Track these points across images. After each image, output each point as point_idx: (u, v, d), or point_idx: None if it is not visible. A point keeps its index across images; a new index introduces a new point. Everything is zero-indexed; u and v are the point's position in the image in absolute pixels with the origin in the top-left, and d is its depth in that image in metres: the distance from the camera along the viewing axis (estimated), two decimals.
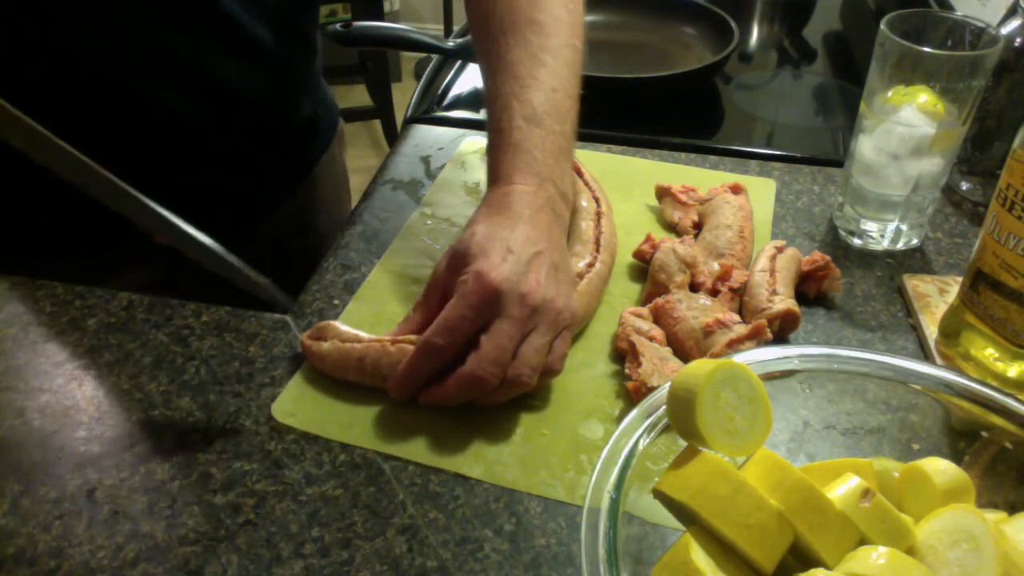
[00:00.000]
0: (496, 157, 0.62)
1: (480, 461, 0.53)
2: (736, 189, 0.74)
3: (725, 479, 0.38)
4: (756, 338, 0.58)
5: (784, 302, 0.61)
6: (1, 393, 0.58)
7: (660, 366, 0.56)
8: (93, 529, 0.49)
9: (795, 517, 0.38)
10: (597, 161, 0.83)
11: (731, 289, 0.63)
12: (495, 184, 0.61)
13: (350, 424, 0.56)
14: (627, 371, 0.57)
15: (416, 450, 0.54)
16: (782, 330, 0.62)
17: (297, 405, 0.57)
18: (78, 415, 0.56)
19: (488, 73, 0.66)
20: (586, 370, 0.60)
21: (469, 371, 0.52)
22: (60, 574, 0.47)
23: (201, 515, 0.50)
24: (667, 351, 0.59)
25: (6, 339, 0.62)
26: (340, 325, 0.59)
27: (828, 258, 0.66)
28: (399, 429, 0.55)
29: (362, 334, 0.59)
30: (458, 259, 0.56)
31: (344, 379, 0.58)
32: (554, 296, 0.55)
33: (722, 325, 0.58)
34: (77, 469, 0.52)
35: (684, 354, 0.59)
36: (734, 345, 0.57)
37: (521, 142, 0.60)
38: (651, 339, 0.59)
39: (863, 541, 0.38)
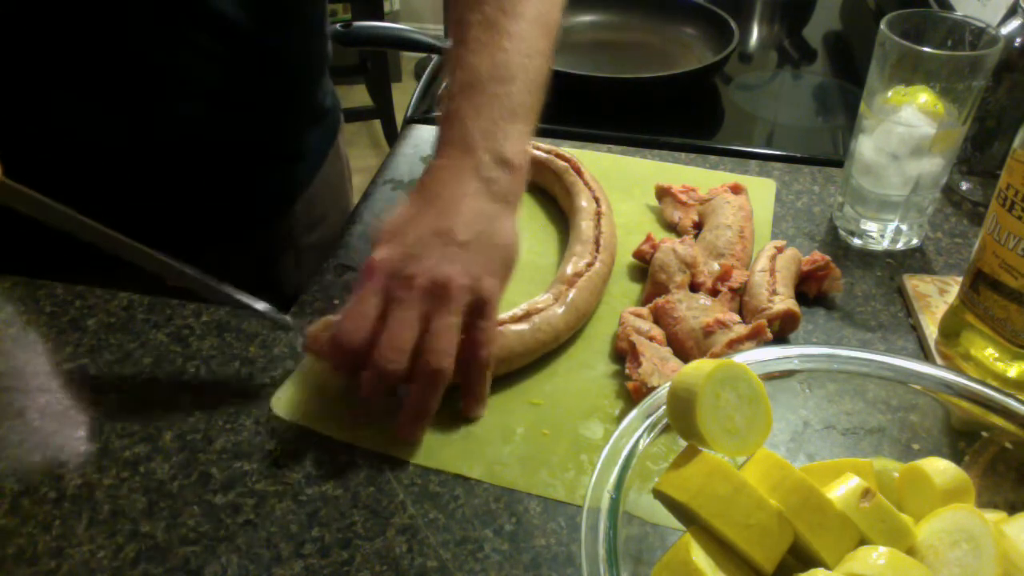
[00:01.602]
0: (437, 132, 0.61)
1: (480, 461, 0.53)
2: (736, 189, 0.74)
3: (725, 479, 0.38)
4: (756, 338, 0.58)
5: (784, 302, 0.61)
6: (1, 393, 0.58)
7: (660, 366, 0.56)
8: (93, 529, 0.49)
9: (795, 517, 0.38)
10: (597, 161, 0.83)
11: (731, 289, 0.63)
12: (434, 156, 0.60)
13: (351, 423, 0.55)
14: (627, 371, 0.57)
15: (415, 450, 0.54)
16: (782, 330, 0.62)
17: (296, 401, 0.57)
18: (78, 415, 0.56)
19: (447, 43, 0.64)
20: (586, 370, 0.60)
21: (371, 361, 0.51)
22: (60, 574, 0.47)
23: (201, 515, 0.50)
24: (667, 351, 0.59)
25: (6, 339, 0.62)
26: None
27: (828, 258, 0.66)
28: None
29: None
30: (371, 242, 0.56)
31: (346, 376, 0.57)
32: (449, 275, 0.52)
33: (722, 325, 0.58)
34: (77, 469, 0.52)
35: (684, 354, 0.59)
36: (734, 345, 0.57)
37: (454, 112, 0.59)
38: (651, 339, 0.59)
39: (863, 541, 0.38)
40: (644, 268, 0.68)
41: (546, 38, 0.63)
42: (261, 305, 0.59)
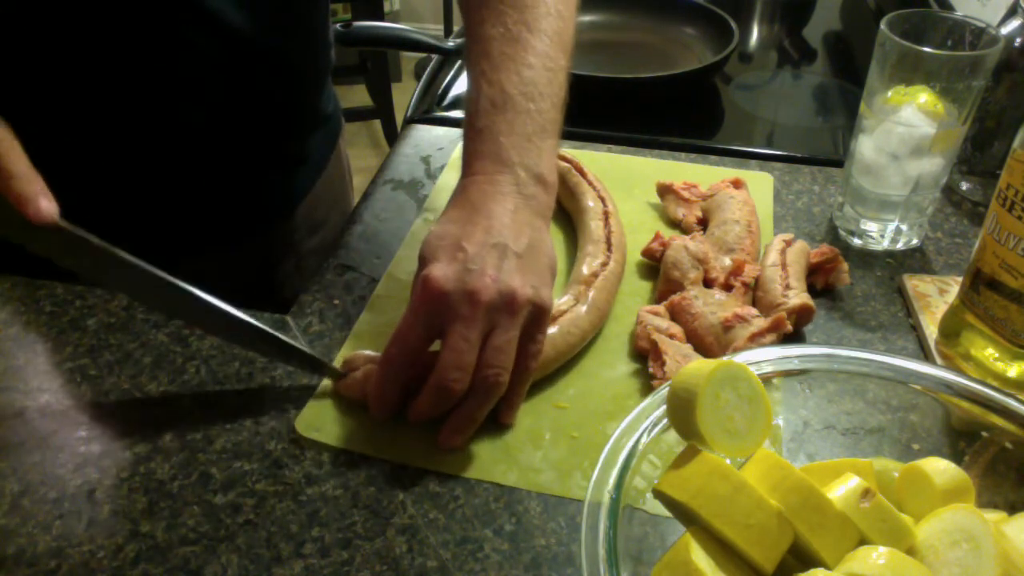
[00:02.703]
0: (464, 146, 0.60)
1: (514, 468, 0.53)
2: (737, 184, 0.74)
3: (725, 479, 0.38)
4: (777, 331, 0.58)
5: (799, 296, 0.61)
6: (1, 393, 0.58)
7: (684, 363, 0.56)
8: (93, 529, 0.49)
9: (795, 517, 0.38)
10: (596, 161, 0.83)
11: (744, 284, 0.63)
12: (461, 176, 0.59)
13: (382, 437, 0.55)
14: (651, 370, 0.57)
15: (447, 461, 0.53)
16: (797, 323, 0.62)
17: (322, 419, 0.56)
18: (78, 415, 0.56)
19: (465, 53, 0.63)
20: (607, 371, 0.60)
21: (433, 381, 0.51)
22: (60, 574, 0.47)
23: (201, 515, 0.50)
24: (688, 348, 0.59)
25: (6, 339, 0.62)
26: (366, 351, 0.58)
27: (837, 251, 0.66)
28: (430, 439, 0.54)
29: None
30: (419, 263, 0.55)
31: None
32: (514, 288, 0.52)
33: (741, 319, 0.59)
34: (77, 469, 0.52)
35: (704, 350, 0.59)
36: (756, 339, 0.57)
37: (486, 128, 0.58)
38: (671, 336, 0.59)
39: (863, 541, 0.38)
40: (652, 266, 0.69)
41: (565, 55, 0.63)
42: (291, 339, 0.58)
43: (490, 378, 0.51)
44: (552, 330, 0.58)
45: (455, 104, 0.97)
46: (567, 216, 0.75)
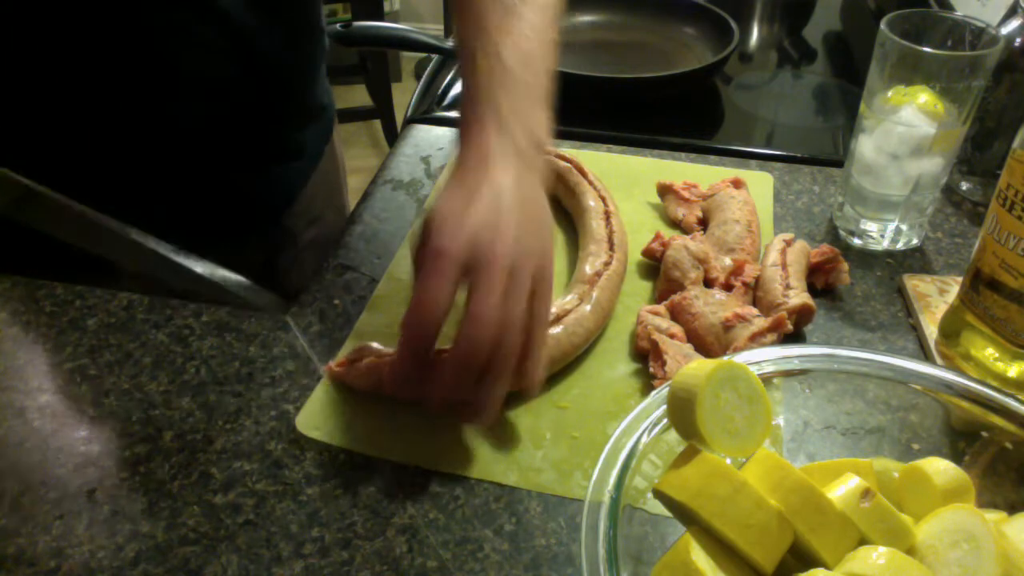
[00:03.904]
0: (463, 116, 0.59)
1: (514, 467, 0.53)
2: (737, 184, 0.74)
3: (725, 479, 0.38)
4: (777, 330, 0.58)
5: (799, 296, 0.61)
6: (1, 393, 0.58)
7: (684, 363, 0.56)
8: (93, 529, 0.49)
9: (795, 517, 0.38)
10: (596, 161, 0.83)
11: (744, 284, 0.63)
12: (461, 146, 0.57)
13: (382, 437, 0.55)
14: (652, 370, 0.57)
15: (447, 461, 0.53)
16: (797, 323, 0.62)
17: (322, 418, 0.56)
18: (78, 415, 0.56)
19: (457, 27, 0.63)
20: (608, 371, 0.60)
21: (463, 336, 0.49)
22: (60, 574, 0.47)
23: (201, 515, 0.50)
24: (688, 347, 0.59)
25: (6, 339, 0.62)
26: (374, 344, 0.58)
27: (837, 251, 0.66)
28: (430, 439, 0.54)
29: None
30: (423, 237, 0.53)
31: (378, 393, 0.56)
32: (523, 255, 0.51)
33: (741, 319, 0.59)
34: (77, 469, 0.52)
35: (705, 349, 0.60)
36: (756, 338, 0.57)
37: (485, 95, 0.57)
38: (672, 336, 0.59)
39: (863, 541, 0.38)
40: (653, 266, 0.69)
41: (554, 27, 0.63)
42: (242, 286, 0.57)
43: (508, 343, 0.50)
44: (556, 330, 0.58)
45: (455, 104, 0.97)
46: (568, 216, 0.75)
